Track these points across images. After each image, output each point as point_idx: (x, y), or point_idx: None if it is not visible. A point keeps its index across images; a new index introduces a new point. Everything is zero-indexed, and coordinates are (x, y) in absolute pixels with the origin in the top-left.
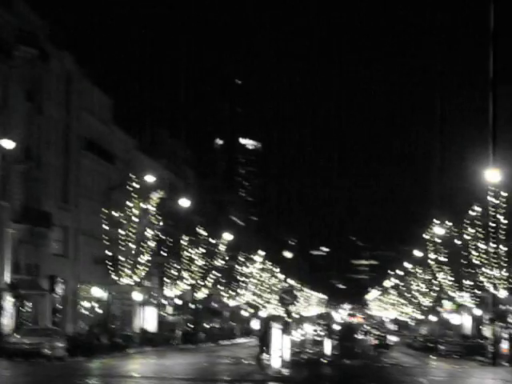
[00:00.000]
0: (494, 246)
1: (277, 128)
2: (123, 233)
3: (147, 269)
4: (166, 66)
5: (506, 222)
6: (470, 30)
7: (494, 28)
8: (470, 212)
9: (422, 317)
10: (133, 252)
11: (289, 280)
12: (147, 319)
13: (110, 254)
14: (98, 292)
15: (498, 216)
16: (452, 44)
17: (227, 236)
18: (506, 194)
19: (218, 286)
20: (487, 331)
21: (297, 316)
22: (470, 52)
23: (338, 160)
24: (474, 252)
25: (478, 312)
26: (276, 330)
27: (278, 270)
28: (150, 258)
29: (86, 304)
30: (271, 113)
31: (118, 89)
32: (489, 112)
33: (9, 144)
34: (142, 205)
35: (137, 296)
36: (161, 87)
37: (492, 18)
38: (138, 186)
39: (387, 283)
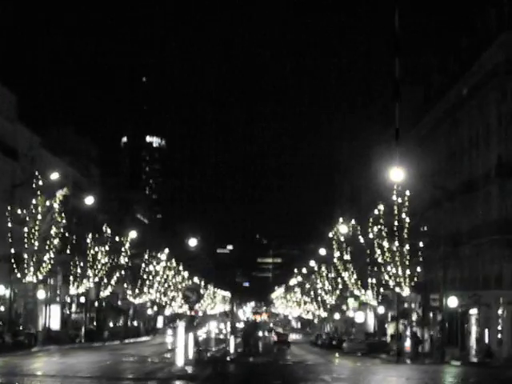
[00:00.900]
0: (398, 244)
1: (182, 126)
2: (27, 230)
3: (51, 267)
4: (71, 63)
5: (408, 220)
6: (377, 34)
7: (399, 32)
8: (375, 211)
9: (326, 314)
10: (37, 250)
11: (193, 278)
12: (51, 317)
13: (13, 251)
14: (0, 290)
15: (402, 215)
16: (359, 46)
17: (132, 234)
18: (408, 193)
19: (123, 284)
20: (390, 329)
21: (201, 314)
22: (376, 52)
23: (244, 158)
24: (377, 250)
25: (381, 310)
26: (180, 327)
27: (182, 268)
28: (54, 256)
29: None
30: (176, 110)
31: (22, 85)
32: (393, 112)
33: None
34: (46, 202)
35: (41, 294)
36: (66, 84)
37: (396, 21)
38: (42, 184)
39: (292, 281)
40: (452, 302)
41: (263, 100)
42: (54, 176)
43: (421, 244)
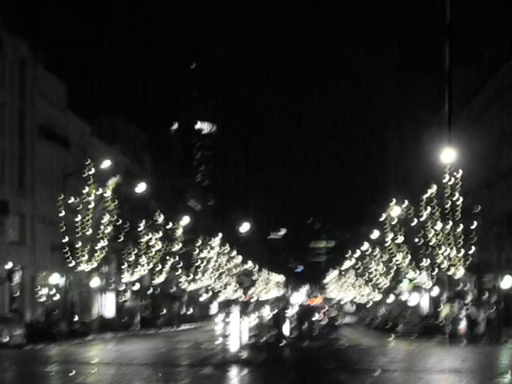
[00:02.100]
0: (451, 225)
1: (232, 111)
2: (80, 219)
3: (105, 254)
4: (121, 51)
5: (461, 201)
6: (428, 11)
7: (451, 9)
8: (427, 192)
9: (380, 297)
10: (90, 238)
11: (247, 263)
12: (106, 305)
13: (67, 240)
14: (55, 279)
15: (454, 195)
16: (410, 25)
17: (185, 220)
18: (461, 174)
19: (177, 271)
20: (444, 311)
21: (255, 299)
22: (428, 33)
23: (294, 142)
24: (430, 232)
25: (435, 292)
26: (235, 313)
27: (235, 253)
28: (107, 244)
29: (44, 291)
30: (226, 96)
31: (73, 74)
32: (445, 92)
33: None
34: (98, 190)
35: (95, 282)
36: (116, 72)
37: (448, 3)
38: (93, 172)
39: (345, 264)
40: (507, 282)
41: (312, 83)
42: (106, 164)
43: (474, 225)
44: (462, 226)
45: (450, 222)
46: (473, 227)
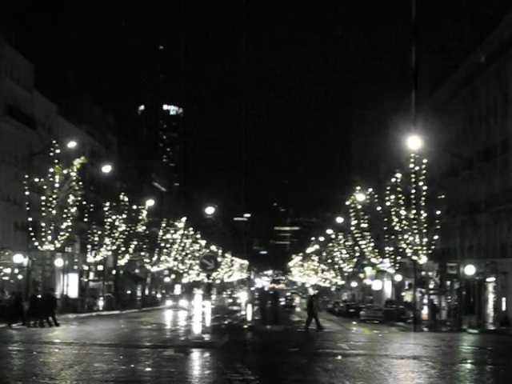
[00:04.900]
0: (415, 212)
1: (199, 94)
2: (45, 199)
3: (69, 235)
4: (89, 32)
5: (426, 188)
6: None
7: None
8: (392, 179)
9: (344, 282)
10: (55, 218)
11: (211, 246)
12: (69, 285)
13: (31, 220)
14: (19, 258)
15: (419, 183)
16: (377, 13)
17: (149, 202)
18: (426, 161)
19: (141, 252)
20: (407, 297)
21: (219, 282)
22: (395, 21)
23: (260, 126)
24: (394, 218)
25: (398, 278)
26: (198, 295)
27: (199, 236)
28: (71, 224)
29: (6, 270)
30: (193, 79)
31: (40, 54)
32: (411, 80)
33: None
34: (63, 171)
35: (58, 262)
36: (84, 53)
37: None
38: (59, 152)
39: (309, 249)
40: (469, 270)
41: (278, 66)
42: (72, 144)
43: (438, 212)
44: (425, 213)
45: (414, 209)
46: (437, 214)
